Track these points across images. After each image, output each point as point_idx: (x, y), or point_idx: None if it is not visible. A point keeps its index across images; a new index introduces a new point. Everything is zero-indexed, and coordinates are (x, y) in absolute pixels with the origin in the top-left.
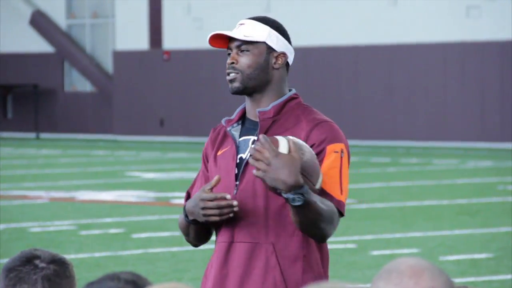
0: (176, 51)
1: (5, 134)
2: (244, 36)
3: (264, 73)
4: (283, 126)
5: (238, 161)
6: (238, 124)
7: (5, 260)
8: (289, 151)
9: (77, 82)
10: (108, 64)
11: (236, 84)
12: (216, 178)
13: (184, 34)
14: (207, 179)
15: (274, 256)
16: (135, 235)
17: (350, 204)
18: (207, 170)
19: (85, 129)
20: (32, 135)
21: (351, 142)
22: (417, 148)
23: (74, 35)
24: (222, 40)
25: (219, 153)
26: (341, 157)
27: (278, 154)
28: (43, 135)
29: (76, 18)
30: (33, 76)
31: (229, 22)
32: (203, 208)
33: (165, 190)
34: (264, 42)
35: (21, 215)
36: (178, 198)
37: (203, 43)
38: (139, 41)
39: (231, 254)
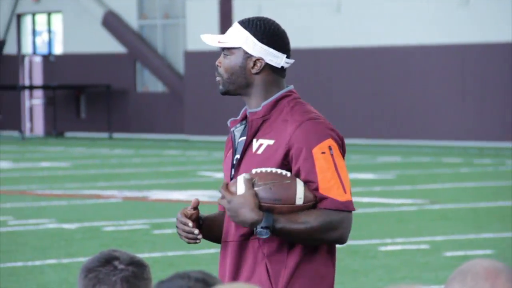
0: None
1: (79, 134)
2: (219, 42)
3: (242, 78)
4: (271, 126)
5: (234, 162)
6: (242, 124)
7: (79, 259)
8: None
9: (149, 83)
10: (180, 65)
11: (220, 87)
12: (193, 200)
13: None
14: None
15: (260, 251)
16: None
17: (422, 205)
18: None
19: (157, 129)
20: (105, 135)
21: (422, 142)
22: (490, 149)
23: (145, 36)
24: None
25: (227, 154)
26: (332, 155)
27: (230, 200)
28: (116, 135)
29: (147, 18)
30: (106, 76)
31: (299, 23)
32: (177, 226)
33: None
34: (241, 48)
35: (95, 214)
36: None
37: None
38: None
39: (226, 253)
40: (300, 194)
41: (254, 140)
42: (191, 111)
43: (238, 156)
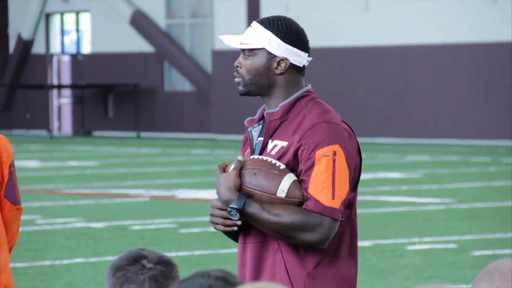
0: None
1: (106, 133)
2: (241, 43)
3: (264, 79)
4: (289, 127)
5: None
6: (259, 124)
7: (106, 258)
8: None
9: (177, 82)
10: (207, 64)
11: (240, 88)
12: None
13: None
14: None
15: (279, 252)
16: None
17: (450, 204)
18: None
19: (184, 128)
20: (132, 134)
21: (450, 141)
22: None
23: (173, 35)
24: None
25: (244, 153)
26: (334, 160)
27: (217, 177)
28: (143, 134)
29: (175, 18)
30: (134, 75)
31: (327, 21)
32: (211, 215)
33: None
34: (264, 48)
35: (122, 213)
36: None
37: None
38: None
39: (245, 255)
40: (283, 187)
41: (270, 141)
42: (218, 110)
43: (255, 157)
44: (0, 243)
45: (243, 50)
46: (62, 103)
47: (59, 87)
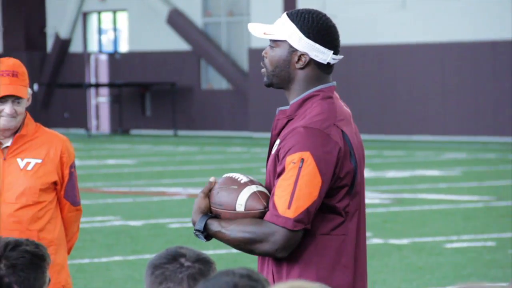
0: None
1: (144, 132)
2: (264, 33)
3: (285, 72)
4: (291, 127)
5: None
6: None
7: (144, 256)
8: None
9: (213, 80)
10: (244, 62)
11: (264, 79)
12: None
13: None
14: None
15: (267, 263)
16: None
17: (489, 202)
18: None
19: (221, 126)
20: (170, 132)
21: (488, 139)
22: None
23: (210, 33)
24: None
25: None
26: (300, 167)
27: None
28: (181, 132)
29: (212, 16)
30: (171, 74)
31: (364, 19)
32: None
33: None
34: (286, 41)
35: (160, 211)
36: None
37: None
38: None
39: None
40: (241, 201)
41: (277, 139)
42: (255, 108)
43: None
44: (60, 243)
45: (270, 41)
46: (100, 101)
47: (97, 86)
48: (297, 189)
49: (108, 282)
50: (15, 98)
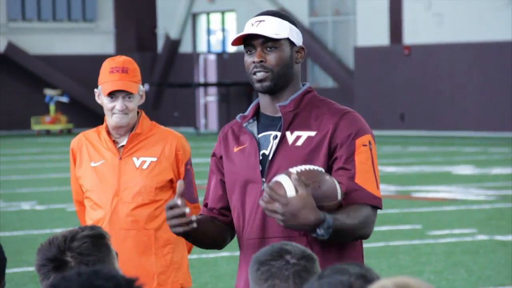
0: (416, 46)
1: None
2: (275, 34)
3: (290, 69)
4: (305, 119)
5: (261, 157)
6: (254, 120)
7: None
8: (296, 190)
9: (319, 78)
10: (349, 60)
11: (267, 83)
12: (179, 182)
13: (424, 29)
14: (222, 183)
15: (309, 248)
16: (376, 228)
17: None
18: (222, 174)
19: None
20: None
21: None
22: None
23: (316, 32)
24: (240, 38)
25: (235, 149)
26: (370, 149)
27: (287, 202)
28: None
29: (318, 16)
30: None
31: (469, 17)
32: (167, 219)
33: (405, 183)
34: (288, 38)
35: None
36: (419, 191)
37: (443, 38)
38: (380, 36)
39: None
40: (339, 189)
41: (288, 133)
42: (360, 106)
43: (265, 151)
44: (177, 242)
45: (262, 44)
46: (208, 100)
47: (206, 85)
48: (375, 169)
49: (215, 277)
50: (126, 94)
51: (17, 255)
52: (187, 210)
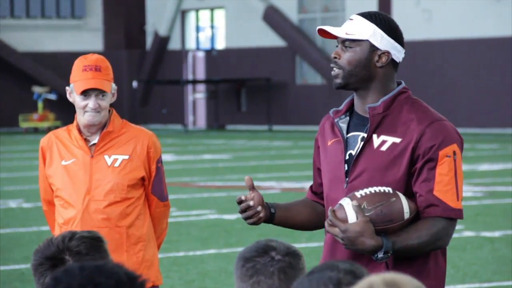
0: (405, 43)
1: (239, 127)
2: (346, 34)
3: (365, 71)
4: (394, 123)
5: (347, 157)
6: (346, 116)
7: (238, 249)
8: (357, 216)
9: (308, 75)
10: None
11: (338, 80)
12: (246, 177)
13: (413, 25)
14: (319, 171)
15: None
16: None
17: None
18: (319, 161)
19: (315, 121)
20: (264, 127)
21: None
22: None
23: (305, 29)
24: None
25: (329, 143)
26: (454, 160)
27: (345, 229)
28: (275, 127)
29: (307, 12)
30: (266, 70)
31: (458, 15)
32: (240, 212)
33: None
34: (368, 40)
35: None
36: None
37: (432, 34)
38: None
39: (338, 245)
40: (406, 208)
41: (375, 136)
42: None
43: (352, 151)
44: (148, 239)
45: (343, 42)
46: (197, 98)
47: (194, 82)
48: (458, 181)
49: (202, 274)
50: (99, 93)
51: (4, 253)
52: (251, 203)
